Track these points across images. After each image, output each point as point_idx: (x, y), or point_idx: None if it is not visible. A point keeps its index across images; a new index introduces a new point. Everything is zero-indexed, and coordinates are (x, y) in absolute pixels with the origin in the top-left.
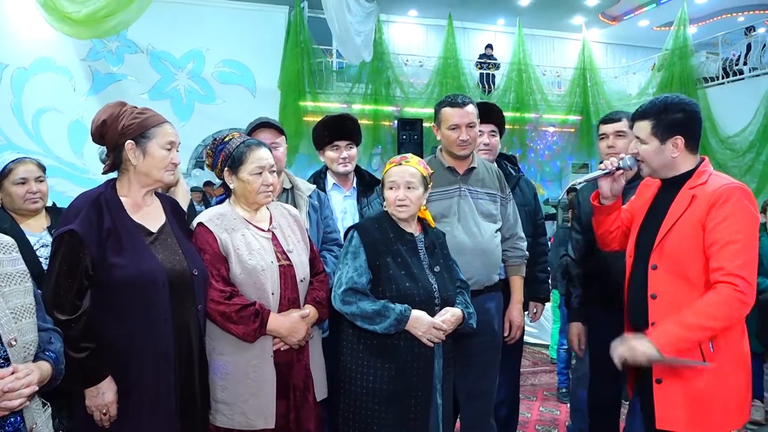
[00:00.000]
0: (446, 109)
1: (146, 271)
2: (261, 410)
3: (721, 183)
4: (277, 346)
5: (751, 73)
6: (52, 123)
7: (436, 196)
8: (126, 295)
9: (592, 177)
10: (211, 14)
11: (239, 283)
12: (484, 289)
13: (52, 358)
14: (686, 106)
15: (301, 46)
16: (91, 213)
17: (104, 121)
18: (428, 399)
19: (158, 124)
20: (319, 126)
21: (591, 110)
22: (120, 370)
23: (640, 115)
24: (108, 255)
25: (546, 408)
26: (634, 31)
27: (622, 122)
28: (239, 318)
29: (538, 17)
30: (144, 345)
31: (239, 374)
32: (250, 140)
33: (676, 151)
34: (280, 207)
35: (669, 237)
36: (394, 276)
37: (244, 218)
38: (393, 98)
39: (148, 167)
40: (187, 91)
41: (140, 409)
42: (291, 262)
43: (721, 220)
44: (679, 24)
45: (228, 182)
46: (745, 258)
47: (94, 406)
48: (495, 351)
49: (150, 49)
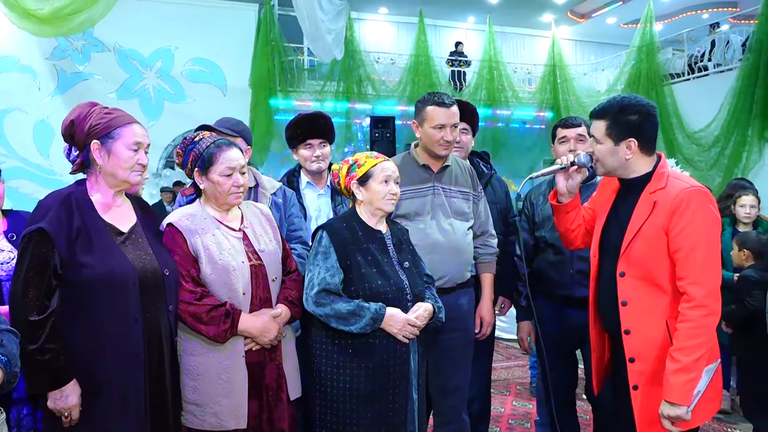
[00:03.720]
0: (432, 108)
1: (117, 270)
2: (233, 411)
3: (681, 187)
4: (249, 346)
5: (716, 69)
6: (16, 123)
7: (409, 194)
8: (96, 294)
9: (548, 171)
10: (180, 12)
11: (210, 283)
12: (457, 286)
13: (3, 363)
14: (642, 108)
15: (271, 44)
16: (61, 212)
17: (72, 121)
18: (405, 395)
19: (125, 125)
20: (292, 124)
21: (561, 106)
22: (88, 371)
23: (597, 114)
24: (78, 254)
25: (519, 402)
26: (603, 29)
27: (582, 127)
28: (210, 319)
29: (508, 15)
30: (114, 345)
31: (210, 375)
32: (221, 140)
33: (630, 153)
34: (252, 206)
35: (634, 244)
36: (365, 274)
37: (214, 218)
38: (365, 96)
39: (113, 167)
40: (156, 90)
41: (109, 411)
42: (262, 261)
43: (684, 226)
44: (645, 21)
45: (198, 182)
46: (708, 263)
47: (57, 408)
48: (468, 347)
49: (117, 47)
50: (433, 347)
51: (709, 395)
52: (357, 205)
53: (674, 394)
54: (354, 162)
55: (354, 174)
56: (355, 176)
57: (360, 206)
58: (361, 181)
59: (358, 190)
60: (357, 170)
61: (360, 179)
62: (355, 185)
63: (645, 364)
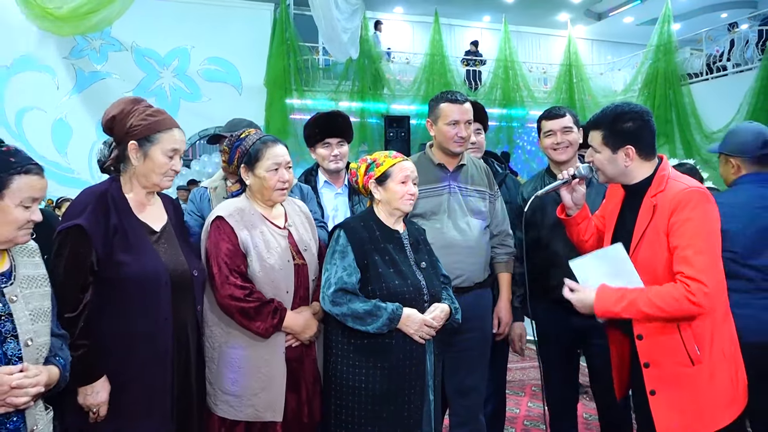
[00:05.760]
0: (446, 105)
1: (150, 270)
2: (270, 404)
3: (680, 188)
4: (289, 342)
5: (735, 69)
6: (35, 122)
7: (425, 193)
8: (129, 293)
9: (552, 188)
10: (197, 11)
11: (256, 280)
12: (474, 286)
13: (61, 365)
14: (636, 116)
15: (287, 43)
16: (98, 208)
17: (114, 116)
18: (421, 396)
19: (166, 129)
20: (311, 123)
21: (577, 107)
22: (117, 368)
23: (593, 124)
24: (115, 252)
25: (534, 403)
26: (619, 28)
27: (567, 117)
28: (258, 315)
29: (523, 14)
30: (143, 343)
31: (251, 368)
32: (267, 137)
33: (629, 160)
34: (293, 203)
35: (640, 249)
36: (383, 274)
37: (261, 214)
38: (380, 95)
39: (147, 171)
40: (173, 89)
41: (135, 409)
42: (305, 261)
43: (681, 225)
44: (663, 21)
45: (244, 178)
46: (704, 261)
47: (87, 404)
48: (485, 347)
49: (134, 46)
50: (451, 347)
51: (733, 395)
52: (375, 205)
53: (602, 300)
54: (372, 161)
55: (372, 173)
56: (373, 175)
57: (378, 206)
58: (379, 180)
59: (375, 189)
60: (375, 169)
61: (378, 179)
62: (373, 185)
63: (660, 367)
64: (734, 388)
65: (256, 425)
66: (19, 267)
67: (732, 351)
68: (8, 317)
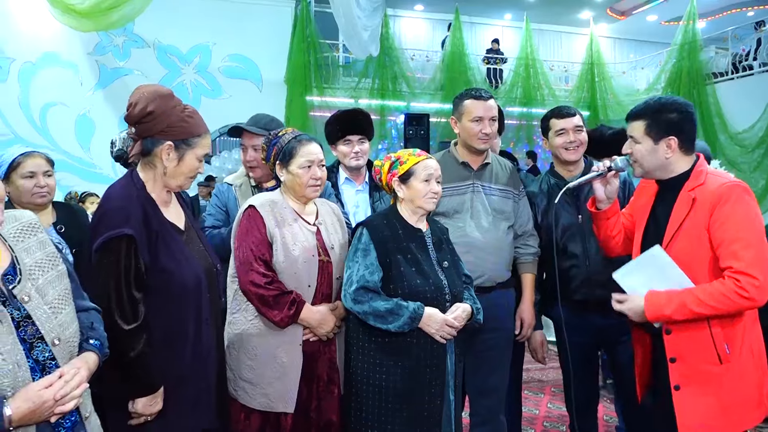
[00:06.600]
0: (470, 102)
1: (192, 275)
2: (283, 394)
3: (720, 182)
4: (307, 336)
5: (761, 68)
6: (59, 117)
7: (449, 192)
8: (174, 298)
9: (586, 179)
10: (218, 8)
11: (280, 271)
12: (496, 286)
13: (96, 347)
14: (681, 107)
15: (307, 40)
16: (140, 215)
17: (152, 111)
18: (441, 396)
19: (204, 134)
20: (332, 121)
21: (599, 105)
22: (166, 373)
23: (635, 115)
24: (159, 258)
25: (553, 404)
26: (643, 26)
27: (578, 117)
28: (276, 304)
29: (545, 12)
30: (191, 346)
31: (267, 356)
32: (302, 135)
33: (670, 152)
34: (326, 204)
35: (675, 243)
36: (405, 273)
37: (293, 209)
38: (399, 93)
39: (177, 173)
40: (194, 86)
41: (182, 411)
42: (330, 258)
43: (725, 220)
44: (688, 18)
45: (279, 175)
46: (753, 254)
47: (146, 413)
48: (506, 347)
49: (156, 43)
50: (472, 347)
51: (759, 398)
52: (398, 203)
53: (654, 308)
54: (396, 159)
55: (396, 171)
56: (397, 173)
57: (401, 204)
58: (403, 178)
59: (399, 187)
60: (399, 167)
61: (401, 177)
62: (397, 182)
63: (687, 363)
64: (760, 390)
65: (270, 417)
66: (22, 256)
67: (759, 351)
68: (27, 320)
